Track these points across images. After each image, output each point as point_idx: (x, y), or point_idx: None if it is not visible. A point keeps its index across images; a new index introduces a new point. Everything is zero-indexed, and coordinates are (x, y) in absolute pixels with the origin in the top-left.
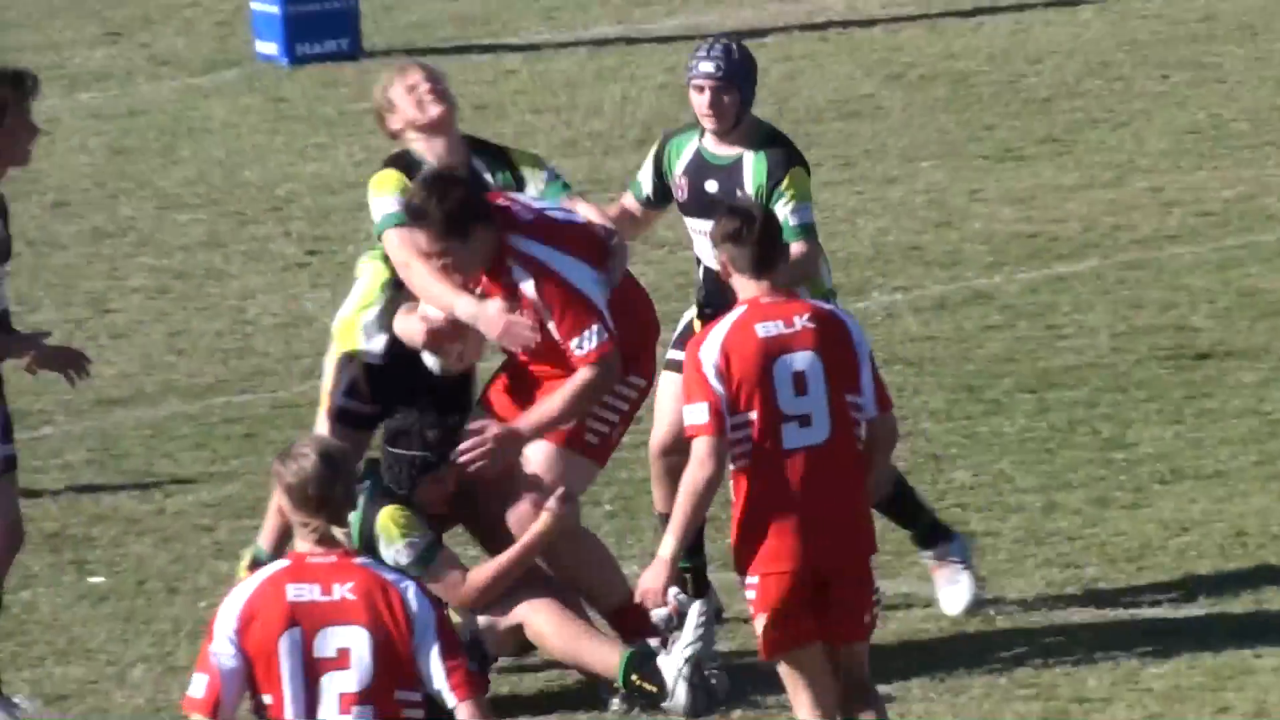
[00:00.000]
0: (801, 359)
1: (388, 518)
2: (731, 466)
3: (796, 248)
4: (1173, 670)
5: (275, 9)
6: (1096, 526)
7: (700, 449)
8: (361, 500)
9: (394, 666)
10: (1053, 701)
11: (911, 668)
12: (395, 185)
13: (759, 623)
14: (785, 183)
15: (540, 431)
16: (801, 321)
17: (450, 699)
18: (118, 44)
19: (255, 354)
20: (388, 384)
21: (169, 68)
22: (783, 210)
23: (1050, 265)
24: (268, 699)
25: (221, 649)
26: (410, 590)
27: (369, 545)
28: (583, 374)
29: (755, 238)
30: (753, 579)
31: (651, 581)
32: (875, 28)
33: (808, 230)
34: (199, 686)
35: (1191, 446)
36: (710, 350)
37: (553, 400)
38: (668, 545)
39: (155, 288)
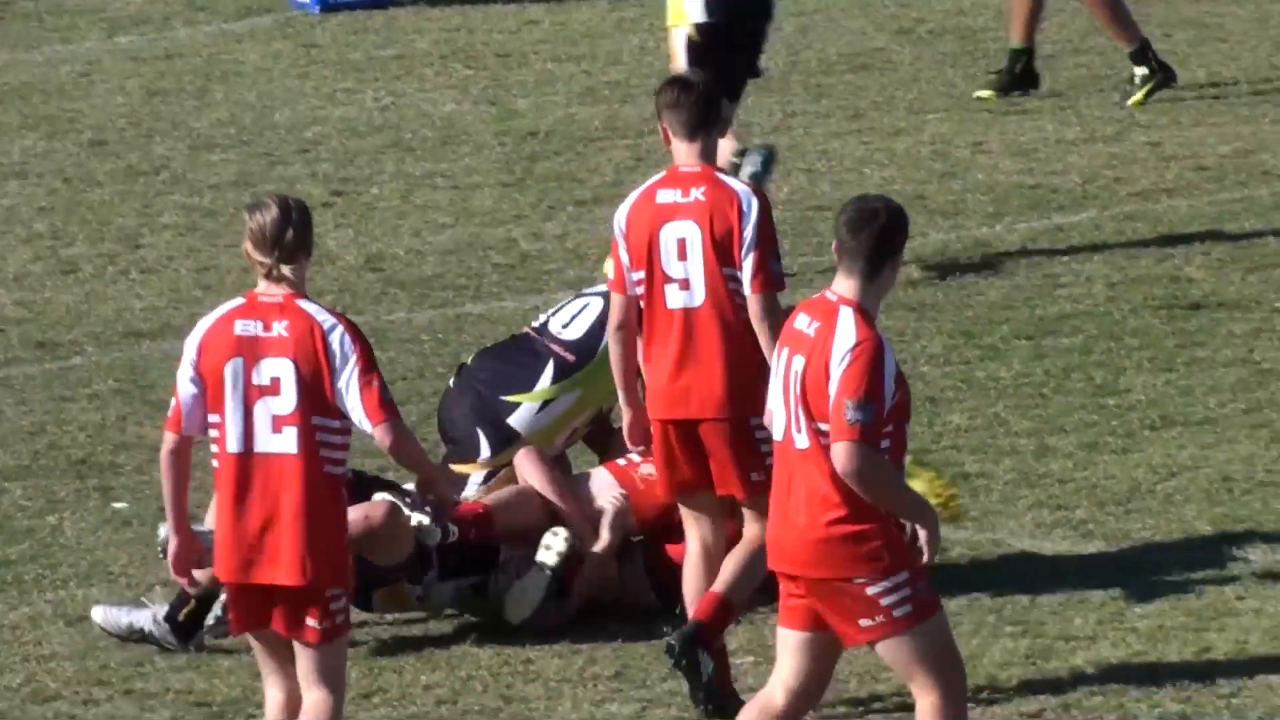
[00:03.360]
0: (684, 227)
1: None
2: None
3: None
4: (1156, 611)
5: None
6: (1087, 470)
7: (612, 302)
8: None
9: (316, 396)
10: (1039, 639)
11: None
12: None
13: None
14: None
15: None
16: (696, 193)
17: (366, 424)
18: None
19: None
20: None
21: (205, 13)
22: None
23: (1050, 216)
24: (215, 418)
25: (184, 373)
26: (337, 331)
27: None
28: None
29: (690, 103)
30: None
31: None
32: None
33: None
34: (171, 408)
35: (1181, 394)
36: (620, 213)
37: None
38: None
39: (185, 225)
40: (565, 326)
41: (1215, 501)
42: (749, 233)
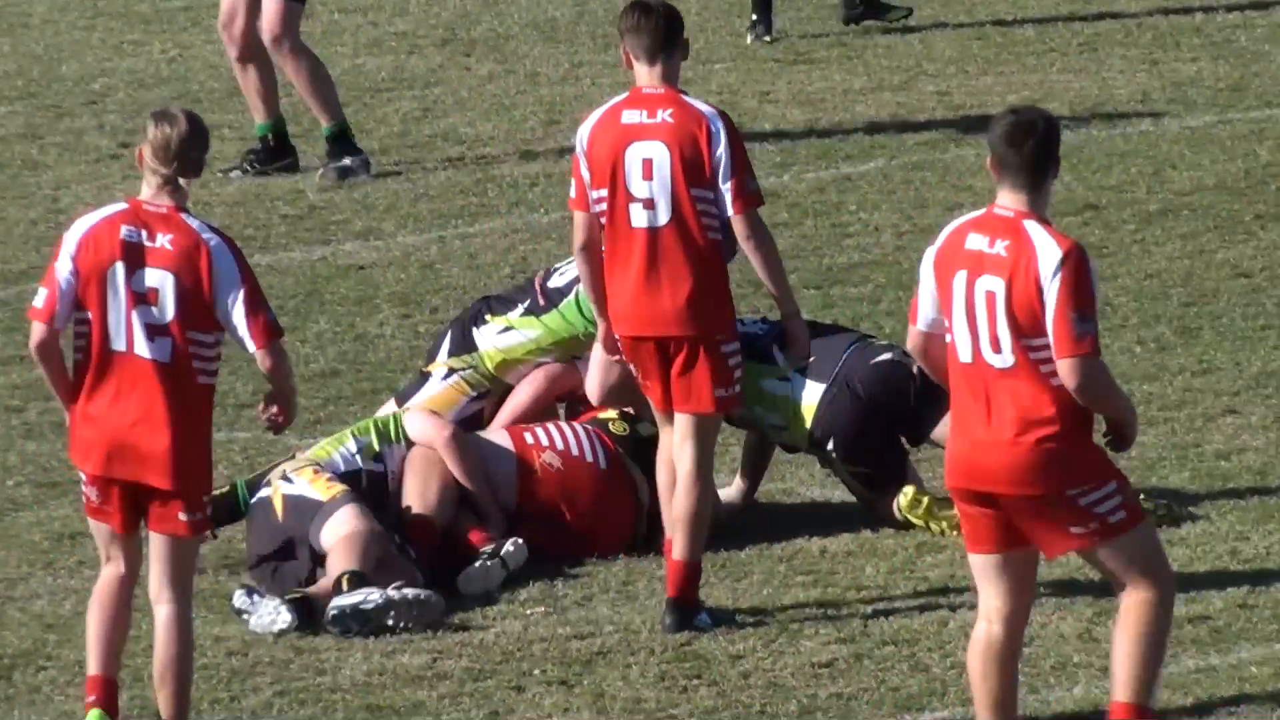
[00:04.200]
0: (651, 148)
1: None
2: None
3: None
4: (948, 560)
5: None
6: None
7: (575, 221)
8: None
9: (193, 310)
10: (830, 588)
11: None
12: None
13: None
14: None
15: None
16: (664, 115)
17: (250, 345)
18: None
19: None
20: None
21: None
22: None
23: (838, 165)
24: (88, 314)
25: (63, 266)
26: (223, 250)
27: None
28: None
29: (651, 26)
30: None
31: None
32: None
33: None
34: (40, 298)
35: None
36: (582, 132)
37: None
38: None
39: None
40: (558, 274)
41: None
42: (722, 155)
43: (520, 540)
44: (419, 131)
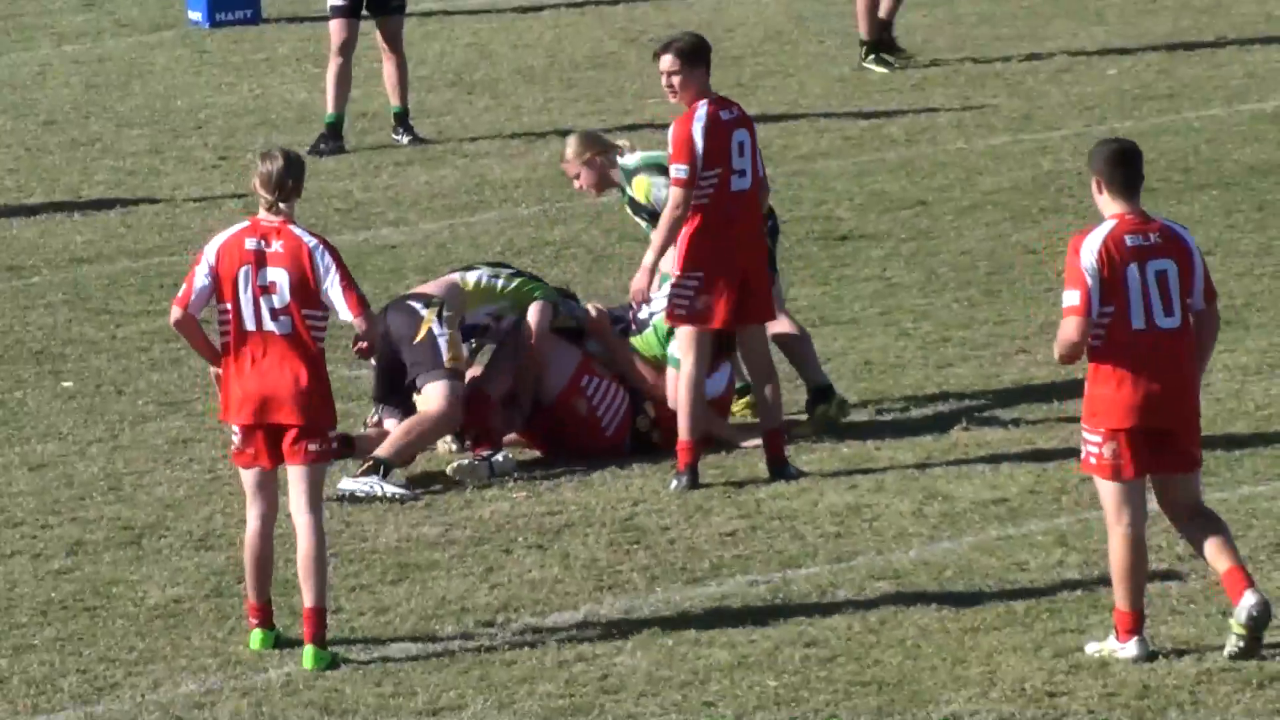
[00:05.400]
0: (742, 134)
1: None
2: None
3: None
4: (816, 460)
5: None
6: None
7: (675, 195)
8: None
9: (304, 295)
10: (732, 478)
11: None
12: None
13: (704, 300)
14: None
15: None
16: (737, 111)
17: (346, 315)
18: (91, 10)
19: (180, 228)
20: None
21: (127, 28)
22: None
23: None
24: (227, 306)
25: (201, 269)
26: (319, 249)
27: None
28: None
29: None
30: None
31: (638, 283)
32: (619, 5)
33: None
34: (181, 290)
35: (834, 301)
36: (696, 131)
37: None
38: (648, 256)
39: (113, 181)
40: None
41: (859, 379)
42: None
43: (511, 458)
44: (435, 148)
